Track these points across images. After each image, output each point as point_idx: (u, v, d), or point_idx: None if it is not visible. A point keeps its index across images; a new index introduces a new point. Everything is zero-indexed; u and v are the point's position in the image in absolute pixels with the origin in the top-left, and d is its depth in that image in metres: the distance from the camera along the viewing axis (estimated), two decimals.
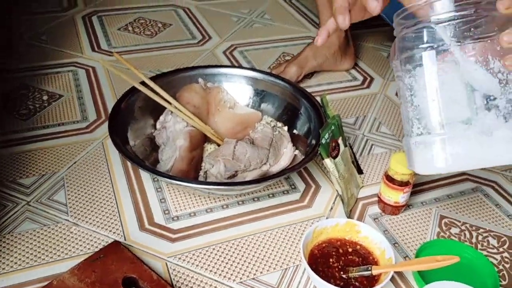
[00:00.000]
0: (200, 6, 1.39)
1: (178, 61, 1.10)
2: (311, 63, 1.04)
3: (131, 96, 0.79)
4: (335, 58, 1.07)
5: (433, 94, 0.47)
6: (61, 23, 1.23)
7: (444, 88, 0.46)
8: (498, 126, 0.45)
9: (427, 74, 0.47)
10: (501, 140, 0.45)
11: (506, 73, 0.45)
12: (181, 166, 0.72)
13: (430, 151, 0.47)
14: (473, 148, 0.45)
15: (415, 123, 0.49)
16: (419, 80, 0.48)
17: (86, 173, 0.77)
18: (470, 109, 0.46)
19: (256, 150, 0.75)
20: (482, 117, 0.45)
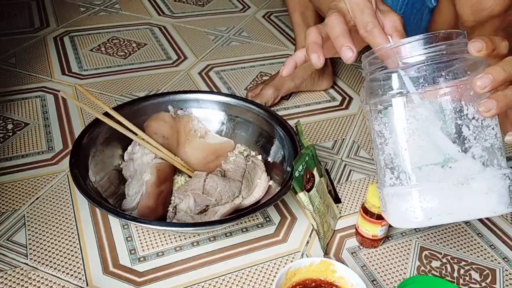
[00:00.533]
0: (176, 24, 1.35)
1: (151, 84, 1.06)
2: (288, 85, 1.01)
3: (97, 127, 0.75)
4: (313, 78, 1.04)
5: (404, 143, 0.44)
6: (31, 45, 1.19)
7: (416, 137, 0.43)
8: (474, 176, 0.42)
9: (397, 122, 0.44)
10: (479, 191, 0.42)
11: (480, 120, 0.42)
12: (148, 203, 0.68)
13: (404, 204, 0.44)
14: (450, 201, 0.42)
15: (387, 172, 0.46)
16: (389, 128, 0.45)
17: (49, 210, 0.73)
18: (444, 159, 0.42)
19: (227, 183, 0.71)
20: (457, 168, 0.42)
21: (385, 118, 0.45)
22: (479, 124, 0.42)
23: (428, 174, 0.43)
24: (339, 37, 0.49)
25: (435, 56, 0.42)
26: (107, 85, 1.04)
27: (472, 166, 0.42)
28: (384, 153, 0.46)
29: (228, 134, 0.85)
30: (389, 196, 0.46)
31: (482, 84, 0.40)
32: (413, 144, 0.43)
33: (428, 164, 0.43)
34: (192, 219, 0.70)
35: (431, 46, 0.42)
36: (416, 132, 0.43)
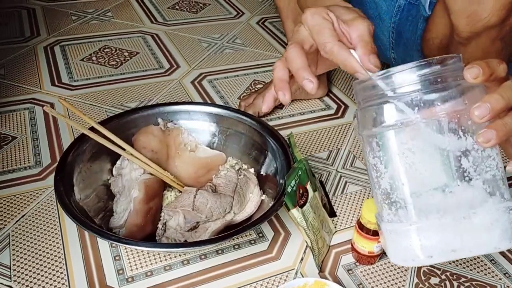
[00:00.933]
0: (169, 31, 1.33)
1: (143, 94, 1.04)
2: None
3: (83, 142, 0.73)
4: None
5: (401, 178, 0.41)
6: (21, 55, 1.17)
7: (413, 171, 0.41)
8: (476, 210, 0.39)
9: (392, 156, 0.41)
10: (481, 227, 0.39)
11: (480, 151, 0.40)
12: (136, 220, 0.66)
13: (403, 241, 0.42)
14: (451, 238, 0.40)
15: (385, 207, 0.43)
16: (384, 162, 0.42)
17: (35, 228, 0.71)
18: (443, 194, 0.40)
19: (218, 199, 0.69)
20: (458, 202, 0.40)
21: (378, 151, 0.42)
22: (479, 155, 0.40)
23: (428, 210, 0.40)
24: (299, 70, 0.49)
25: (429, 85, 0.40)
26: (98, 96, 1.02)
27: (473, 199, 0.39)
28: (380, 188, 0.43)
29: (220, 146, 0.82)
30: (387, 233, 0.44)
31: (480, 114, 0.38)
32: (410, 179, 0.41)
33: (427, 201, 0.41)
34: (182, 236, 0.67)
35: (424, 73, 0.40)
36: (413, 166, 0.41)
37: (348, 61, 0.48)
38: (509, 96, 0.39)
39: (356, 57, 0.47)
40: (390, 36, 0.93)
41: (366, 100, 0.43)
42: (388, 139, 0.41)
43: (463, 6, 0.66)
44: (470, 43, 0.71)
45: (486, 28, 0.66)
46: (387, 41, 0.94)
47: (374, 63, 0.49)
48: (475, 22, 0.66)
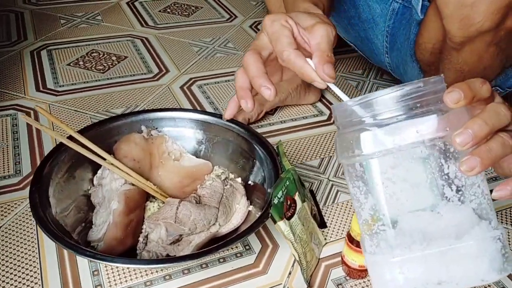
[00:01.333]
0: (159, 35, 1.30)
1: (130, 100, 1.01)
2: (272, 100, 0.96)
3: (62, 151, 0.70)
4: (299, 92, 0.99)
5: (382, 209, 0.38)
6: (6, 59, 1.14)
7: (394, 202, 0.38)
8: (462, 240, 0.36)
9: (372, 186, 0.38)
10: (467, 257, 0.36)
11: (464, 179, 0.37)
12: (115, 234, 0.63)
13: (386, 273, 0.39)
14: (436, 270, 0.37)
15: (367, 239, 0.41)
16: (364, 192, 0.40)
17: (11, 241, 0.68)
18: (427, 225, 0.37)
19: (202, 210, 0.66)
20: (441, 233, 0.37)
21: (357, 181, 0.40)
22: (463, 183, 0.37)
23: (410, 241, 0.38)
24: (255, 77, 0.48)
25: (408, 110, 0.37)
26: (83, 102, 0.99)
27: (458, 229, 0.37)
28: (361, 218, 0.41)
29: (206, 154, 0.79)
30: (370, 264, 0.41)
31: (462, 141, 0.36)
32: (391, 209, 0.38)
33: (409, 233, 0.38)
34: (164, 249, 0.64)
35: (403, 99, 0.37)
36: (394, 196, 0.38)
37: (304, 70, 0.48)
38: (493, 122, 0.37)
39: (312, 66, 0.46)
40: (384, 40, 0.90)
41: (343, 126, 0.41)
42: (366, 169, 0.39)
43: (455, 10, 0.63)
44: (464, 48, 0.68)
45: (479, 33, 0.64)
46: (381, 45, 0.91)
47: (328, 73, 0.48)
48: (468, 26, 0.63)
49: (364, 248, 0.42)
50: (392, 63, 0.93)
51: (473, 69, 0.72)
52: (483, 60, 0.70)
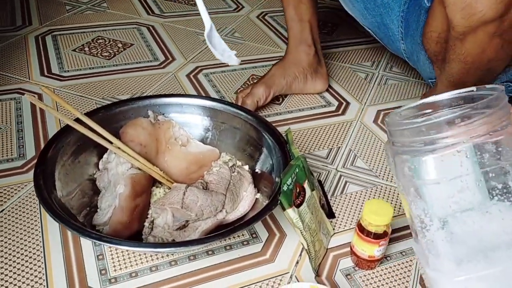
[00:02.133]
0: (166, 23, 1.29)
1: (135, 86, 1.00)
2: (280, 82, 0.94)
3: (68, 133, 0.68)
4: (305, 76, 0.97)
5: (448, 233, 0.38)
6: (10, 44, 1.12)
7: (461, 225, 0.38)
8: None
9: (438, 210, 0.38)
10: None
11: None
12: (121, 218, 0.62)
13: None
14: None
15: (430, 257, 0.41)
16: (430, 215, 0.39)
17: (14, 224, 0.67)
18: (491, 252, 0.37)
19: (209, 197, 0.64)
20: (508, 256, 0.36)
21: (421, 202, 0.39)
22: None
23: (473, 265, 0.38)
24: None
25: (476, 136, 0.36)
26: (89, 87, 0.98)
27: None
28: (425, 238, 0.41)
29: (213, 141, 0.78)
30: (432, 280, 0.41)
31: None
32: (457, 233, 0.38)
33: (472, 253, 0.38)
34: (170, 235, 0.63)
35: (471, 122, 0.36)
36: (461, 220, 0.38)
37: None
38: None
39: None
40: (399, 26, 0.88)
41: (405, 145, 0.39)
42: (433, 193, 0.38)
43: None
44: (467, 39, 0.66)
45: (482, 23, 0.62)
46: (397, 31, 0.89)
47: None
48: (470, 15, 0.62)
49: (427, 263, 0.42)
50: (408, 50, 0.91)
51: (477, 61, 0.71)
52: (487, 52, 0.69)
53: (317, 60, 0.99)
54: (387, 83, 1.08)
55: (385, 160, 0.84)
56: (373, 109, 0.98)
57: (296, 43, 0.96)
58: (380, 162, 0.84)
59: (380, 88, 1.06)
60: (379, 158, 0.85)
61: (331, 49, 1.15)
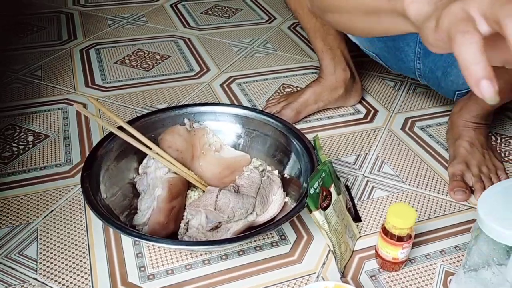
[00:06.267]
0: (201, 36, 1.35)
1: (172, 96, 1.05)
2: (311, 108, 0.97)
3: (111, 140, 0.74)
4: (339, 100, 1.00)
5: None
6: (58, 57, 1.20)
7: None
8: None
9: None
10: None
11: None
12: (159, 218, 0.67)
13: None
14: None
15: None
16: None
17: (62, 223, 0.73)
18: None
19: (240, 199, 0.69)
20: None
21: None
22: None
23: None
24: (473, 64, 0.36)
25: None
26: (129, 97, 1.04)
27: None
28: None
29: (245, 147, 0.82)
30: None
31: None
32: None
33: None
34: (204, 235, 0.68)
35: None
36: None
37: None
38: None
39: None
40: (417, 47, 0.90)
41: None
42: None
43: None
44: None
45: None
46: (413, 52, 0.90)
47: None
48: None
49: None
50: (425, 69, 0.92)
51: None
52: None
53: (352, 80, 1.01)
54: (415, 91, 1.10)
55: (411, 166, 0.86)
56: (401, 116, 1.00)
57: (331, 70, 0.97)
58: (407, 168, 0.86)
59: (409, 96, 1.08)
60: (406, 164, 0.87)
61: (361, 58, 1.18)
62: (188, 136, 0.77)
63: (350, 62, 0.99)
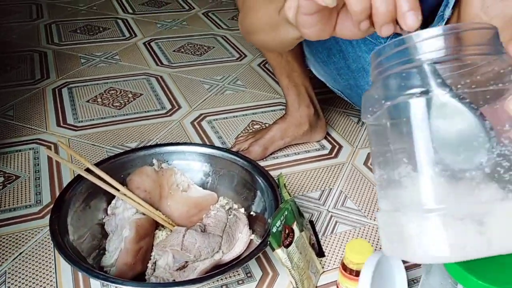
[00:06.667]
0: (173, 73, 1.38)
1: (143, 134, 1.08)
2: (277, 144, 1.01)
3: (80, 182, 0.76)
4: (304, 136, 1.04)
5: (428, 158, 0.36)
6: (30, 97, 1.22)
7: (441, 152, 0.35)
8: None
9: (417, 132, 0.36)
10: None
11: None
12: (126, 259, 0.68)
13: (427, 233, 0.35)
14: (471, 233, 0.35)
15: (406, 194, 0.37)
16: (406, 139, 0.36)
17: (31, 265, 0.73)
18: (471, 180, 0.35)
19: (207, 238, 0.71)
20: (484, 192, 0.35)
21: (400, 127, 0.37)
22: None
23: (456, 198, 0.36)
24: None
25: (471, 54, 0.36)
26: (100, 136, 1.06)
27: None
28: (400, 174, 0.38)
29: (213, 185, 0.85)
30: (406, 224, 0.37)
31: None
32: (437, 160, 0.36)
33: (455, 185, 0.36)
34: (171, 275, 0.69)
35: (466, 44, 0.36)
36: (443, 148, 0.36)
37: None
38: None
39: None
40: None
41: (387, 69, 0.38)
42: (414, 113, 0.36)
43: None
44: None
45: None
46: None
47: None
48: None
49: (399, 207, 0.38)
50: None
51: None
52: None
53: (316, 117, 1.05)
54: None
55: (373, 200, 0.90)
56: (364, 151, 1.05)
57: (295, 106, 1.01)
58: (369, 202, 0.89)
59: None
60: (368, 198, 0.90)
61: (326, 95, 1.23)
62: (156, 177, 0.79)
63: (314, 99, 1.04)
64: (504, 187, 0.35)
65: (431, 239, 0.35)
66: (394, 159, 0.38)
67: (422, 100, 0.36)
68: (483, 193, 0.35)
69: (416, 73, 0.36)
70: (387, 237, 0.40)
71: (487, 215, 0.34)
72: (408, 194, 0.37)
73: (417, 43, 0.37)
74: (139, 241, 0.70)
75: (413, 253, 0.37)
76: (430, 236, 0.35)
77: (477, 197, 0.35)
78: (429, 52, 0.36)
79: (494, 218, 0.34)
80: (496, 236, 0.34)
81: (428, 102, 0.36)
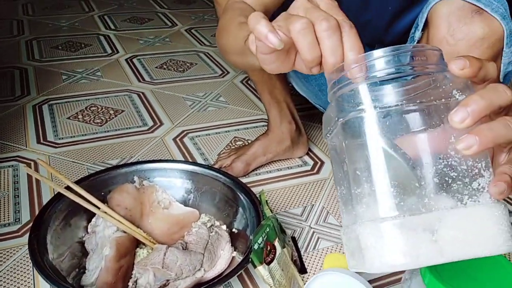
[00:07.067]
0: (155, 90, 1.39)
1: (125, 151, 1.07)
2: (260, 160, 1.02)
3: (59, 200, 0.75)
4: (286, 152, 1.05)
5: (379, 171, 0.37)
6: (10, 114, 1.21)
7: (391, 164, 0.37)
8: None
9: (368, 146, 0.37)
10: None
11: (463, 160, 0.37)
12: (107, 278, 0.67)
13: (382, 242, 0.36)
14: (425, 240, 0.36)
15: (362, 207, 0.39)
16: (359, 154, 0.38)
17: (9, 286, 0.72)
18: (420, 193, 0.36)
19: (188, 256, 0.70)
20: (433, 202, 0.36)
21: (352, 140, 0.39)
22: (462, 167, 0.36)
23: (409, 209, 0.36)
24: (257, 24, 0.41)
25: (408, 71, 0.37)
26: (81, 153, 1.06)
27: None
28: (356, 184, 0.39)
29: (195, 202, 0.85)
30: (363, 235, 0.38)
31: (459, 118, 0.34)
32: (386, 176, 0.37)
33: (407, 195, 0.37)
34: None
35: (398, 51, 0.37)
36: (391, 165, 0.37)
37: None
38: (491, 98, 0.35)
39: None
40: None
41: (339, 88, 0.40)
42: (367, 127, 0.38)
43: None
44: None
45: None
46: None
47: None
48: None
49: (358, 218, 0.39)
50: None
51: None
52: None
53: (298, 133, 1.06)
54: None
55: None
56: None
57: (277, 123, 1.02)
58: None
59: None
60: None
61: (308, 111, 1.24)
62: (137, 194, 0.79)
63: (295, 115, 1.05)
64: (453, 196, 0.37)
65: (386, 247, 0.37)
66: (350, 174, 0.40)
67: (368, 115, 0.38)
68: (433, 202, 0.36)
69: (358, 93, 0.39)
70: (349, 251, 0.41)
71: (438, 224, 0.36)
72: (363, 206, 0.38)
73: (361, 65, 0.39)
74: (119, 260, 0.70)
75: (371, 264, 0.37)
76: (385, 245, 0.37)
77: (428, 206, 0.36)
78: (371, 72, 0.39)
79: (445, 227, 0.36)
80: (447, 244, 0.35)
81: (378, 117, 0.38)
